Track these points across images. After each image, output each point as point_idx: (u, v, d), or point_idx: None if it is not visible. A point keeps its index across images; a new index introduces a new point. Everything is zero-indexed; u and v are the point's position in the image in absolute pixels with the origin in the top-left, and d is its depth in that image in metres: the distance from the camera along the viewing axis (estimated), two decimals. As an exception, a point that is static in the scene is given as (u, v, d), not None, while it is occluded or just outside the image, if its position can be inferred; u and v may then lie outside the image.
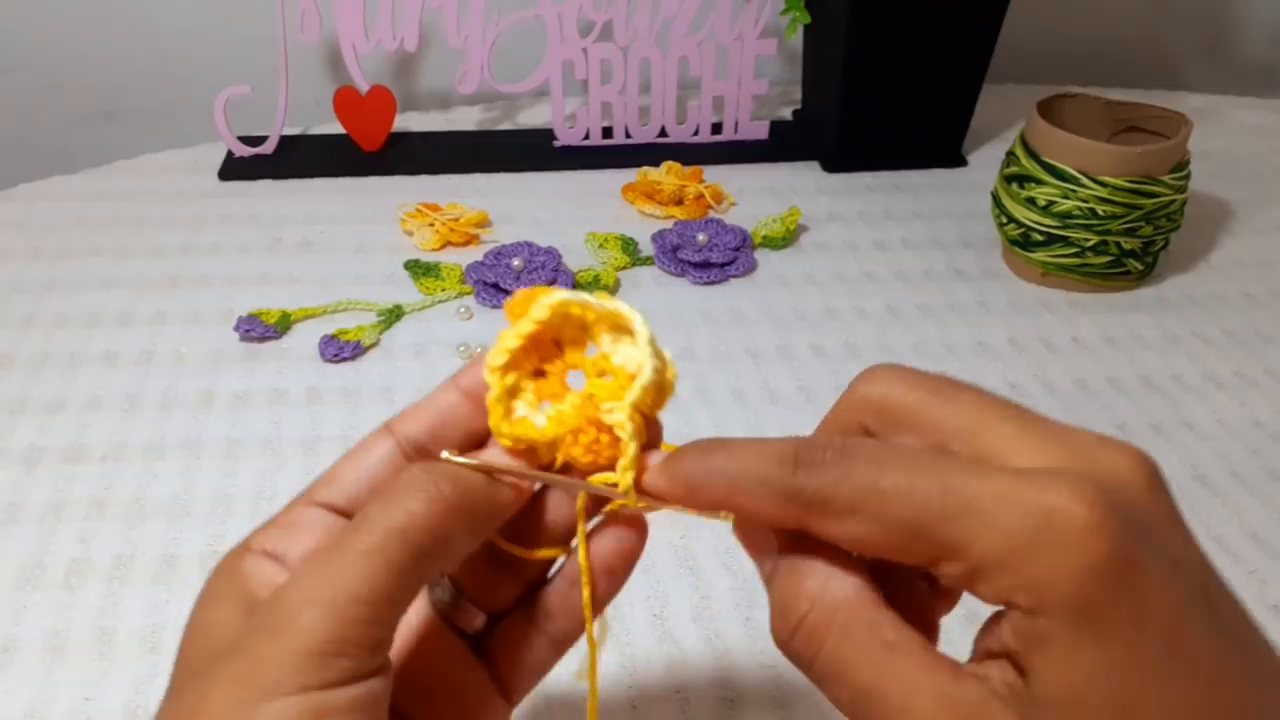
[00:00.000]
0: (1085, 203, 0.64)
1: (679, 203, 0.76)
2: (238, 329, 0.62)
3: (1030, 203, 0.67)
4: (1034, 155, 0.66)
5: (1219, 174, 0.81)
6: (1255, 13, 1.03)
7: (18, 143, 0.91)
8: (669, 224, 0.73)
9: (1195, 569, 0.21)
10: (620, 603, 0.47)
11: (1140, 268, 0.68)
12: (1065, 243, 0.66)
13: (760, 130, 0.85)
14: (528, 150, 0.83)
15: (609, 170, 0.80)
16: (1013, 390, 0.60)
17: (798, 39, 0.84)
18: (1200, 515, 0.52)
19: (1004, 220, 0.69)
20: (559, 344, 0.28)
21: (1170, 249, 0.70)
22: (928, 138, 0.83)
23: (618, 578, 0.27)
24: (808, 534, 0.23)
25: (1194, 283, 0.71)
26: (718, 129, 0.84)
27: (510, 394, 0.26)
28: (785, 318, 0.66)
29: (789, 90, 0.93)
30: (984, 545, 0.20)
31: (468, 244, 0.72)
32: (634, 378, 0.26)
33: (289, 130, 0.82)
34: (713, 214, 0.75)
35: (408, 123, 0.86)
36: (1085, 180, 0.64)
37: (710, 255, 0.69)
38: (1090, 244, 0.66)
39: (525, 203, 0.77)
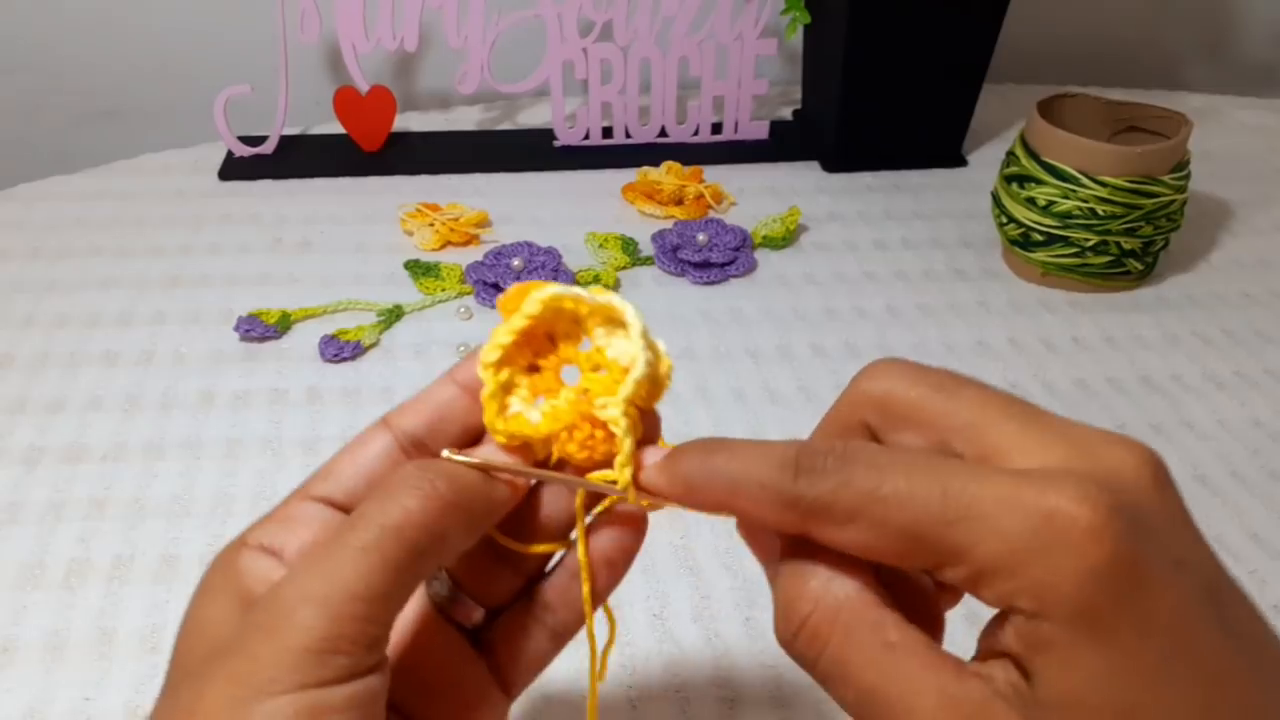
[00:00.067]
0: (1085, 203, 0.64)
1: (679, 203, 0.76)
2: (238, 329, 0.62)
3: (1030, 203, 0.67)
4: (1034, 155, 0.66)
5: (1219, 174, 0.81)
6: (1255, 13, 1.03)
7: (18, 143, 0.91)
8: (669, 224, 0.73)
9: (1202, 567, 0.21)
10: (620, 602, 0.47)
11: (1140, 268, 0.68)
12: (1065, 243, 0.66)
13: (760, 130, 0.85)
14: (528, 150, 0.83)
15: (609, 170, 0.80)
16: (1012, 390, 0.60)
17: (798, 39, 0.84)
18: (1200, 515, 0.51)
19: (1004, 220, 0.69)
20: (553, 339, 0.27)
21: (1170, 249, 0.70)
22: (928, 138, 0.83)
23: (618, 570, 0.27)
24: (809, 539, 0.23)
25: (1194, 283, 0.71)
26: (718, 129, 0.84)
27: (505, 390, 0.26)
28: (785, 318, 0.66)
29: (789, 90, 0.93)
30: (986, 550, 0.20)
31: (468, 244, 0.72)
32: (628, 372, 0.26)
33: (289, 130, 0.82)
34: (713, 214, 0.75)
35: (408, 123, 0.86)
36: (1085, 180, 0.64)
37: (710, 255, 0.69)
38: (1090, 244, 0.66)
39: (525, 203, 0.77)
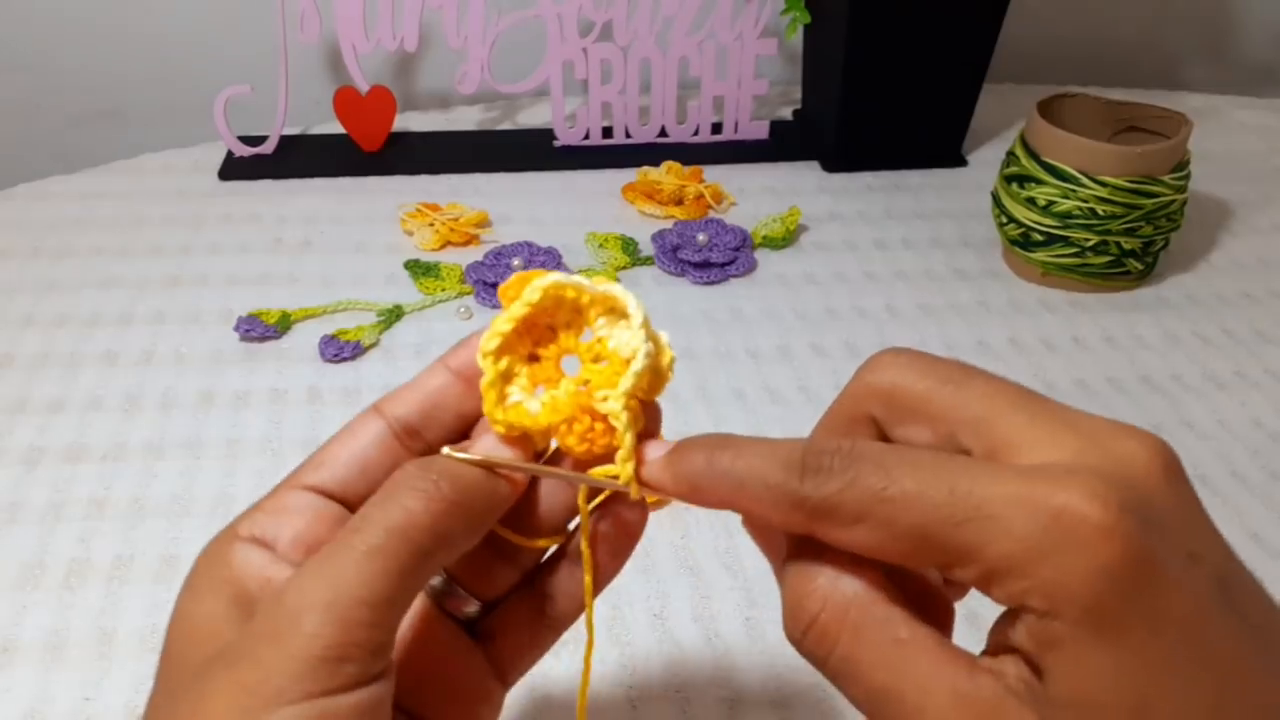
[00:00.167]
0: (1085, 203, 0.64)
1: (679, 203, 0.76)
2: (238, 329, 0.62)
3: (1030, 203, 0.67)
4: (1034, 155, 0.66)
5: (1219, 174, 0.81)
6: (1255, 13, 1.03)
7: (18, 143, 0.91)
8: (669, 224, 0.73)
9: (1214, 559, 0.20)
10: (620, 602, 0.47)
11: (1140, 268, 0.68)
12: (1065, 243, 0.66)
13: (760, 130, 0.85)
14: (528, 150, 0.83)
15: (609, 170, 0.80)
16: (1013, 390, 0.60)
17: (798, 39, 0.84)
18: (1200, 515, 0.52)
19: (1004, 220, 0.69)
20: (553, 328, 0.27)
21: (1170, 249, 0.70)
22: (928, 138, 0.83)
23: (618, 558, 0.27)
24: (816, 539, 0.22)
25: (1194, 283, 0.71)
26: (718, 129, 0.84)
27: (504, 379, 0.26)
28: (785, 317, 0.66)
29: (789, 90, 0.93)
30: (995, 550, 0.20)
31: (468, 244, 0.72)
32: (628, 363, 0.25)
33: (289, 130, 0.82)
34: (713, 214, 0.75)
35: (408, 123, 0.86)
36: (1085, 180, 0.64)
37: (710, 255, 0.69)
38: (1090, 244, 0.65)
39: (525, 203, 0.77)
